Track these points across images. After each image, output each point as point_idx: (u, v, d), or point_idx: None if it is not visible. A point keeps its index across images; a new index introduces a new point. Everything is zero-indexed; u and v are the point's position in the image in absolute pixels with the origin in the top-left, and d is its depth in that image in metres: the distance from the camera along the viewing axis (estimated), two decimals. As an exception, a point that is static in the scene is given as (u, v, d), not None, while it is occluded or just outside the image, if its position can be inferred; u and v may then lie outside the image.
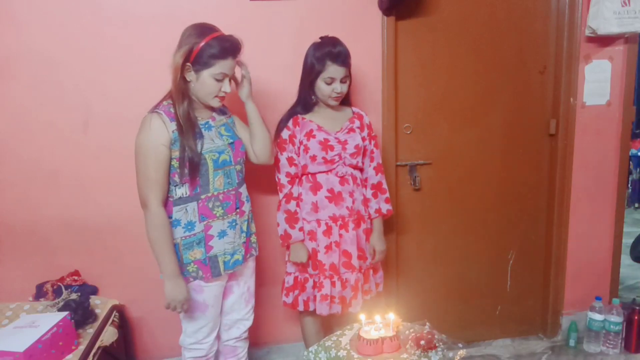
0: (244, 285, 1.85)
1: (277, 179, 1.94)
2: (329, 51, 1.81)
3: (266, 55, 2.14)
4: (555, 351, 2.52)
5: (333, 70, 1.81)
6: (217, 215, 1.66)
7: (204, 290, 1.69)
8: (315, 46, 1.86)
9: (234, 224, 1.71)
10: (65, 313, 1.79)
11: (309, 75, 1.86)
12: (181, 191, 1.62)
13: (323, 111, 1.94)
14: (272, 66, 2.15)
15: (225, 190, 1.67)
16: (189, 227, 1.63)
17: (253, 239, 1.83)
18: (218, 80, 1.59)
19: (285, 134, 1.91)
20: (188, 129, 1.57)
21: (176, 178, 1.60)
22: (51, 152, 2.08)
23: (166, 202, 1.62)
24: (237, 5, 2.09)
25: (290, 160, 1.90)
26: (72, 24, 2.00)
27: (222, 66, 1.57)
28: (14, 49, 1.99)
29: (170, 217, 1.62)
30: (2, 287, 2.13)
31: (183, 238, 1.63)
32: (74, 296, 1.97)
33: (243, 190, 1.77)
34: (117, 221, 2.15)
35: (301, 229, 1.92)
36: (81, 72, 2.04)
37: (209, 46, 1.55)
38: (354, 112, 2.02)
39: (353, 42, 1.94)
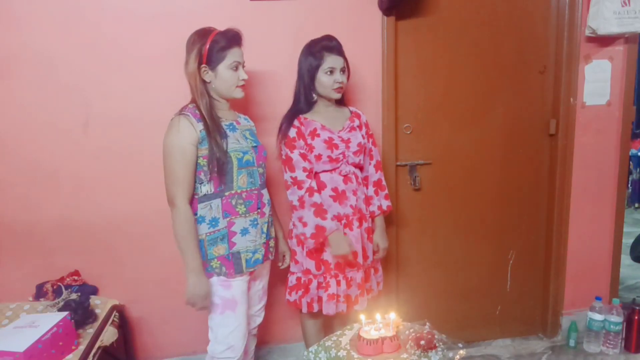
0: (259, 283, 1.91)
1: (290, 179, 1.87)
2: (324, 44, 1.86)
3: (266, 55, 2.14)
4: (555, 351, 2.52)
5: (331, 60, 1.85)
6: (240, 212, 1.70)
7: (232, 286, 1.71)
8: (309, 44, 1.90)
9: (255, 222, 1.74)
10: (65, 313, 1.79)
11: (309, 71, 1.87)
12: (206, 188, 1.67)
13: (324, 110, 1.94)
14: (272, 66, 2.15)
15: (248, 189, 1.72)
16: (213, 223, 1.68)
17: (272, 243, 1.86)
18: (234, 70, 1.67)
19: (292, 132, 1.89)
20: (214, 126, 1.63)
21: (202, 176, 1.65)
22: (51, 152, 2.08)
23: (192, 200, 1.67)
24: (237, 5, 2.09)
25: (303, 156, 1.87)
26: (73, 24, 2.00)
27: (233, 55, 1.66)
28: (14, 49, 1.99)
29: (195, 214, 1.67)
30: (2, 287, 2.13)
31: (208, 234, 1.67)
32: (74, 296, 1.97)
33: (265, 192, 1.80)
34: (117, 221, 2.16)
35: (333, 218, 1.88)
36: (81, 72, 2.04)
37: (215, 42, 1.63)
38: (351, 112, 2.02)
39: (353, 43, 1.94)
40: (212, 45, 1.63)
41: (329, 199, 1.90)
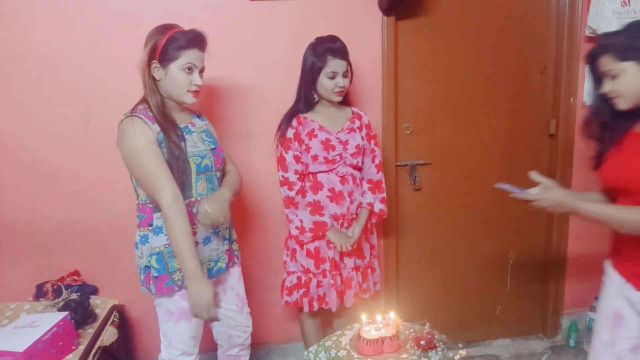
0: (231, 292, 1.78)
1: (282, 178, 1.91)
2: (329, 47, 1.84)
3: (266, 55, 2.14)
4: (555, 351, 2.52)
5: (334, 64, 1.83)
6: None
7: None
8: (314, 44, 1.88)
9: (217, 230, 1.66)
10: (65, 313, 1.79)
11: (311, 73, 1.86)
12: None
13: (324, 111, 1.94)
14: (272, 66, 2.15)
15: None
16: None
17: (235, 246, 1.80)
18: (187, 73, 1.55)
19: (290, 132, 1.90)
20: (169, 125, 1.53)
21: None
22: (51, 152, 2.08)
23: (146, 209, 1.58)
24: (237, 5, 2.09)
25: (297, 158, 1.89)
26: (73, 24, 2.00)
27: (188, 56, 1.53)
28: (14, 49, 1.99)
29: (150, 225, 1.57)
30: (2, 287, 2.13)
31: (167, 246, 1.55)
32: (74, 296, 1.97)
33: None
34: (117, 221, 2.15)
35: (330, 217, 1.91)
36: (81, 72, 2.04)
37: (172, 39, 1.52)
38: (353, 112, 2.02)
39: (353, 42, 1.94)
40: (168, 42, 1.51)
41: (326, 200, 1.91)
